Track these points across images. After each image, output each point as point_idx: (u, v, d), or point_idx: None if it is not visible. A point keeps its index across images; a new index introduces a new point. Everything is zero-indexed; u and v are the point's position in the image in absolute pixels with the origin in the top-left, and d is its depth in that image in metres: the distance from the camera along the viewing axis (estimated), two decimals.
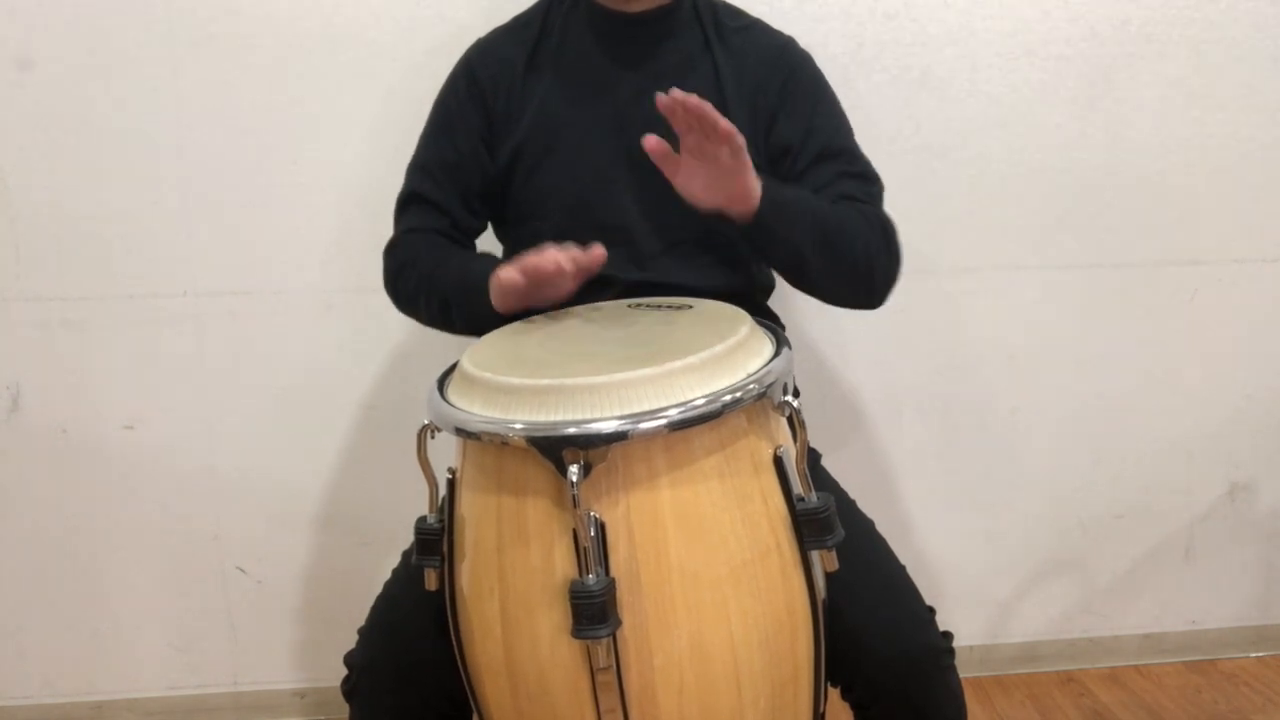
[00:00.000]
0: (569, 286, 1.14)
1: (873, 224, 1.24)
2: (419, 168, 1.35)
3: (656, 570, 0.91)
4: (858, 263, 1.21)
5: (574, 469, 0.87)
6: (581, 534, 0.88)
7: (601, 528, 0.90)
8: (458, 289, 1.23)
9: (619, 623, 0.90)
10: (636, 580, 0.91)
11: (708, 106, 1.03)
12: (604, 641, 0.89)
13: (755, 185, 1.12)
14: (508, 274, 1.12)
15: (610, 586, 0.89)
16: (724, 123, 1.04)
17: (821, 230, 1.18)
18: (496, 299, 1.16)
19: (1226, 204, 1.86)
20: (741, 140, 1.07)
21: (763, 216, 1.13)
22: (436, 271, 1.26)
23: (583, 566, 0.89)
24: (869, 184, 1.31)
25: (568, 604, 0.89)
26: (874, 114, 1.77)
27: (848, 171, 1.29)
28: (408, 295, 1.31)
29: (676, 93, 1.02)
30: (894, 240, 1.25)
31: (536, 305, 1.17)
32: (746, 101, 1.30)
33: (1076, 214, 1.84)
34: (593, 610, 0.88)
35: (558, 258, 1.10)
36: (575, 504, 0.87)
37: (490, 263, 1.22)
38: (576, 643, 0.90)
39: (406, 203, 1.35)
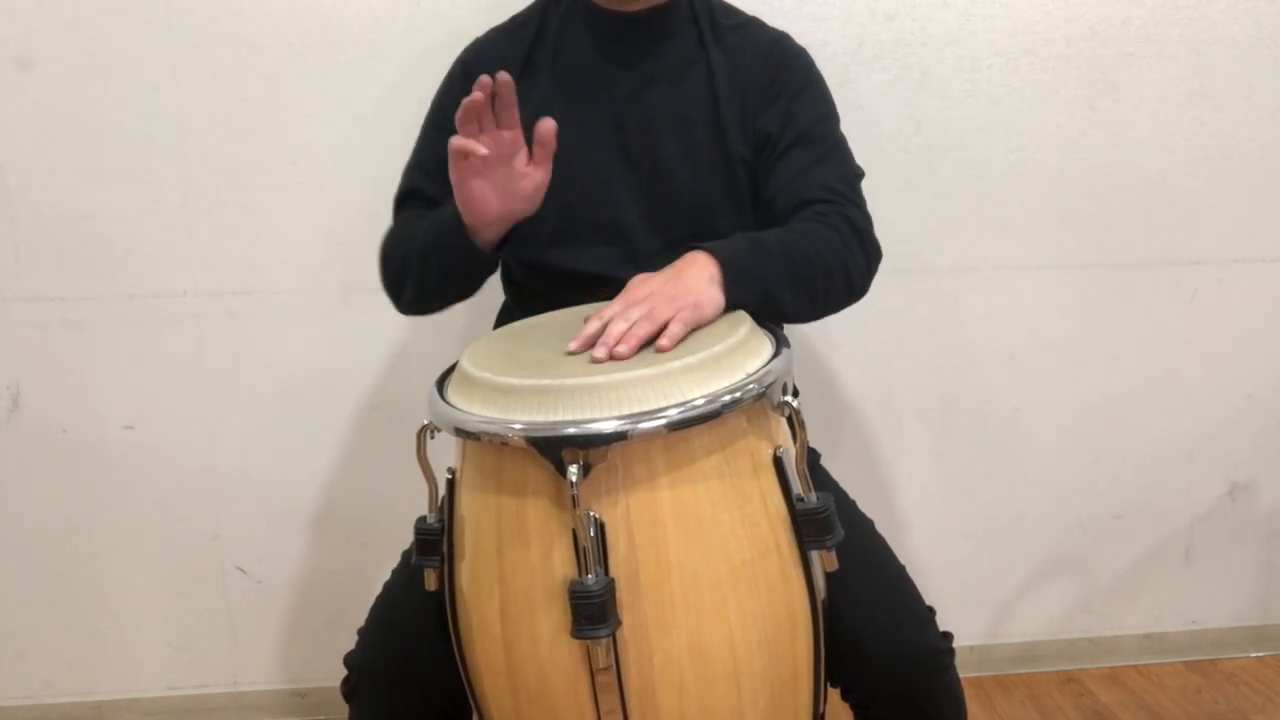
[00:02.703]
0: (520, 155, 1.12)
1: (839, 228, 1.19)
2: (415, 166, 1.35)
3: (656, 570, 0.91)
4: (834, 280, 1.17)
5: (573, 469, 0.87)
6: (581, 534, 0.88)
7: (601, 528, 0.90)
8: (433, 236, 1.19)
9: (618, 623, 0.90)
10: (636, 580, 0.91)
11: (635, 332, 0.99)
12: (603, 641, 0.89)
13: (713, 291, 1.07)
14: (454, 149, 1.08)
15: (610, 586, 0.89)
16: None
17: (793, 271, 1.13)
18: (466, 215, 1.13)
19: (1226, 204, 1.86)
20: (672, 327, 1.00)
21: (730, 293, 1.08)
22: (414, 236, 1.23)
23: (582, 566, 0.89)
24: (847, 171, 1.27)
25: (567, 604, 0.88)
26: (874, 114, 1.77)
27: (823, 159, 1.26)
28: (396, 274, 1.26)
29: (602, 353, 0.97)
30: (866, 235, 1.21)
31: (511, 207, 1.15)
32: (738, 98, 1.30)
33: (1076, 214, 1.84)
34: (592, 610, 0.87)
35: (471, 99, 1.07)
36: (575, 504, 0.87)
37: (451, 207, 1.18)
38: (576, 643, 0.90)
39: (402, 201, 1.35)
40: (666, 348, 0.98)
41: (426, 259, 1.21)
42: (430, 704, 1.13)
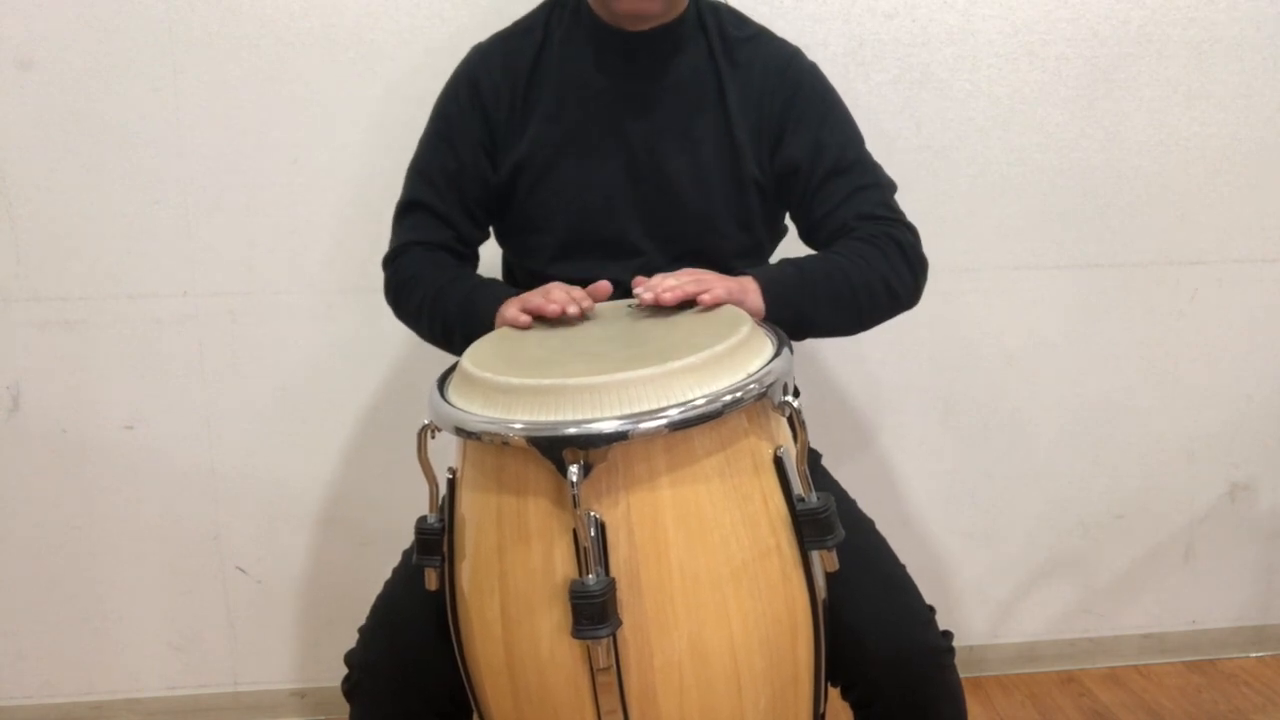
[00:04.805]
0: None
1: (885, 248, 1.25)
2: (419, 174, 1.33)
3: (657, 570, 0.91)
4: (876, 295, 1.24)
5: (574, 469, 0.87)
6: (581, 534, 0.88)
7: (602, 528, 0.90)
8: (461, 317, 1.23)
9: (619, 623, 0.90)
10: (637, 580, 0.91)
11: (682, 286, 1.09)
12: (604, 642, 0.89)
13: (757, 294, 1.16)
14: (513, 315, 1.14)
15: (610, 586, 0.89)
16: (702, 293, 1.09)
17: (831, 290, 1.21)
18: (500, 325, 1.18)
19: (1226, 204, 1.86)
20: (716, 288, 1.11)
21: (773, 313, 1.15)
22: (441, 295, 1.26)
23: (583, 566, 0.89)
24: (882, 193, 1.31)
25: (568, 604, 0.88)
26: (874, 114, 1.77)
27: (860, 185, 1.29)
28: (410, 312, 1.31)
29: (649, 296, 1.09)
30: (911, 251, 1.28)
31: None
32: (752, 115, 1.30)
33: (1076, 214, 1.84)
34: (593, 610, 0.87)
35: (563, 302, 1.12)
36: (575, 504, 0.87)
37: (495, 293, 1.22)
38: (577, 643, 0.90)
39: (407, 210, 1.34)
40: (708, 302, 1.08)
41: (450, 332, 1.26)
42: (431, 703, 1.13)
